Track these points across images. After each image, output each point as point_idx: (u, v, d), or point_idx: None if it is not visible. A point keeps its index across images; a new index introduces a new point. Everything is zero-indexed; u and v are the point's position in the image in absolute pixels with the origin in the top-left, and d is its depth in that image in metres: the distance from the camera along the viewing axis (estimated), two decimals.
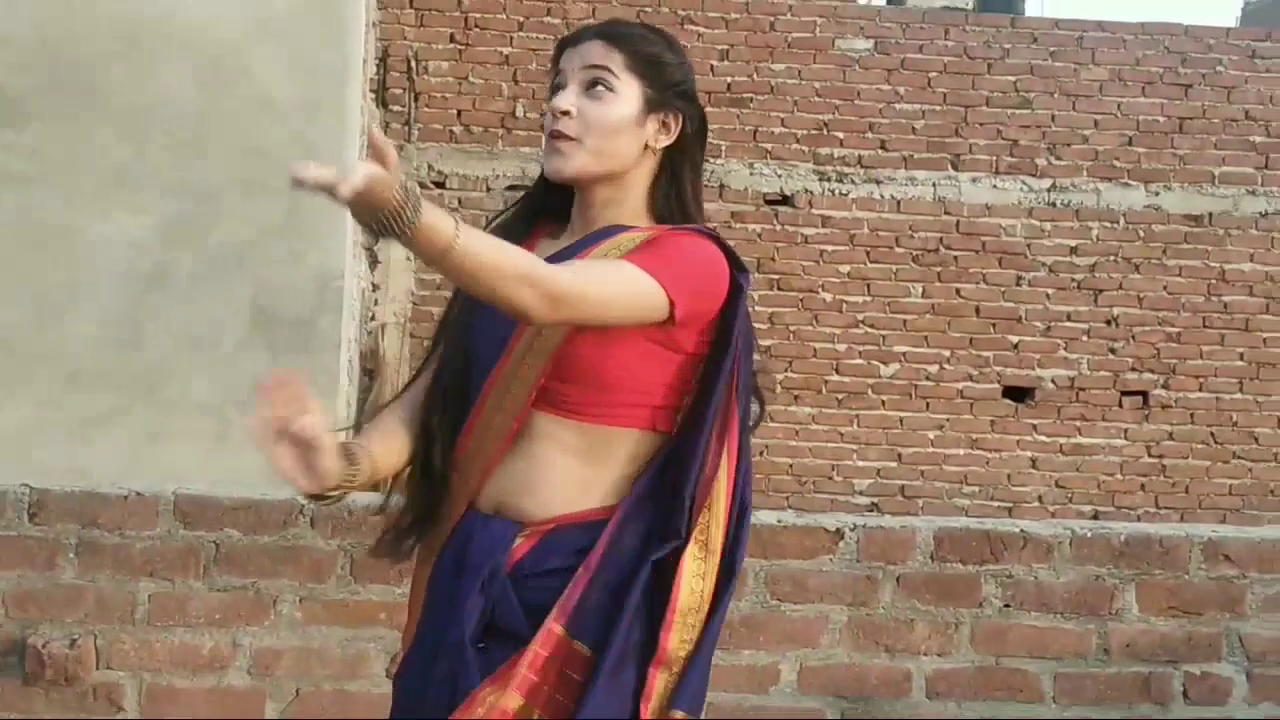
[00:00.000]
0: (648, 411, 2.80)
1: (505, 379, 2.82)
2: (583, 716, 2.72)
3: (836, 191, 13.47)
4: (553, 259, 2.75)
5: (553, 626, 2.72)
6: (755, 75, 13.29)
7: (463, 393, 2.93)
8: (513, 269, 2.52)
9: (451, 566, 2.87)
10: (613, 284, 2.69)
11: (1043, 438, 13.76)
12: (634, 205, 2.92)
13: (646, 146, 2.89)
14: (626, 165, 2.89)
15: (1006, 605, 4.51)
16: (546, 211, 3.02)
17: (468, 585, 2.79)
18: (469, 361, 2.94)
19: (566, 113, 2.84)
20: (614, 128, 2.85)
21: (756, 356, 2.98)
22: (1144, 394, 13.80)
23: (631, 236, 2.83)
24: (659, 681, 2.77)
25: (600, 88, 2.85)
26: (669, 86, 2.91)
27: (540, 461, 2.80)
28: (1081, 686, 4.52)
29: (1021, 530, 4.54)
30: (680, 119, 2.91)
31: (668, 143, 2.91)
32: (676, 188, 2.93)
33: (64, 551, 4.36)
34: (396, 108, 13.00)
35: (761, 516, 4.52)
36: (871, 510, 12.67)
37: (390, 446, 2.96)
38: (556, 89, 2.90)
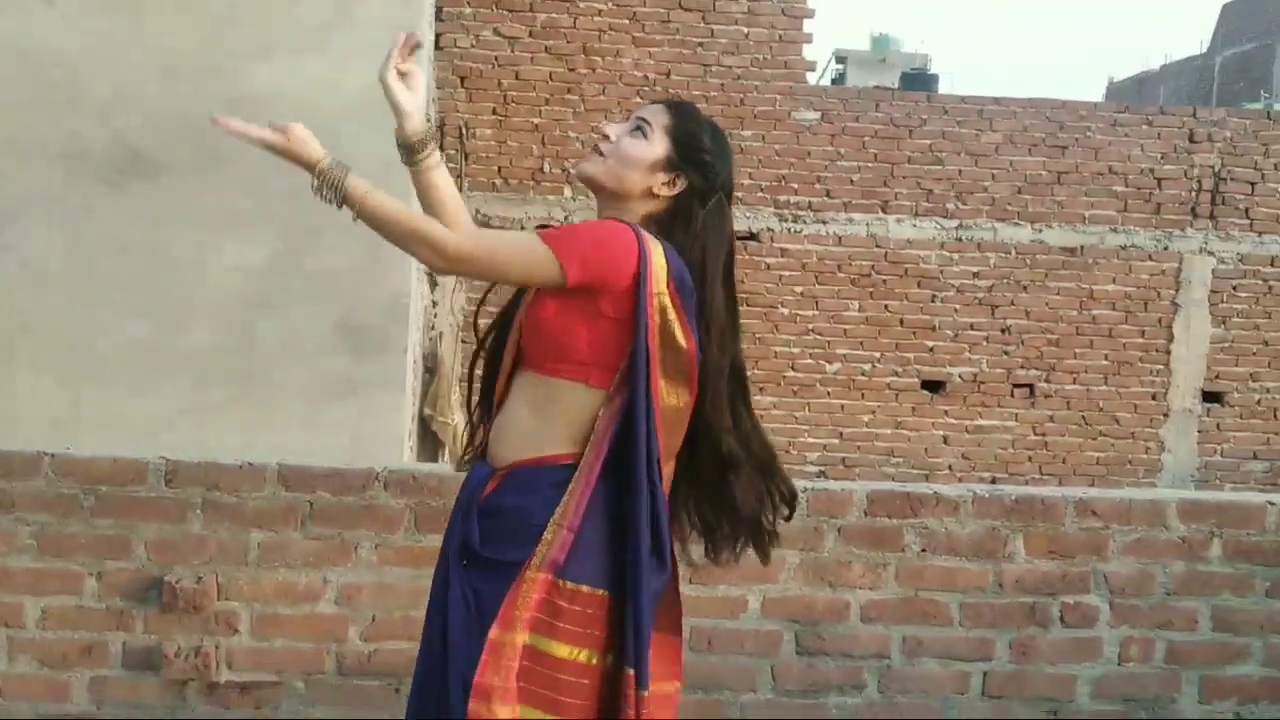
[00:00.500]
0: (583, 368, 2.83)
1: (511, 344, 2.99)
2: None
3: (791, 230, 13.47)
4: None
5: (542, 576, 2.76)
6: (729, 139, 13.28)
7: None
8: (408, 225, 2.79)
9: (463, 490, 3.00)
10: (506, 248, 2.89)
11: (951, 420, 13.78)
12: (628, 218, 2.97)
13: (651, 190, 2.94)
14: (629, 193, 2.96)
15: (923, 550, 4.50)
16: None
17: (463, 512, 2.93)
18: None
19: (607, 136, 3.00)
20: (631, 160, 2.94)
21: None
22: (1030, 386, 13.81)
23: None
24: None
25: (639, 132, 2.96)
26: (690, 159, 2.96)
27: (510, 414, 2.92)
28: (981, 613, 4.52)
29: (935, 492, 4.54)
30: (686, 184, 2.95)
31: (668, 194, 2.95)
32: (666, 234, 2.93)
33: (192, 509, 4.36)
34: (450, 165, 12.98)
35: None
36: (819, 476, 12.65)
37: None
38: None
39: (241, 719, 4.39)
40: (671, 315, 2.83)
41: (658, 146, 2.95)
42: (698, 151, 2.97)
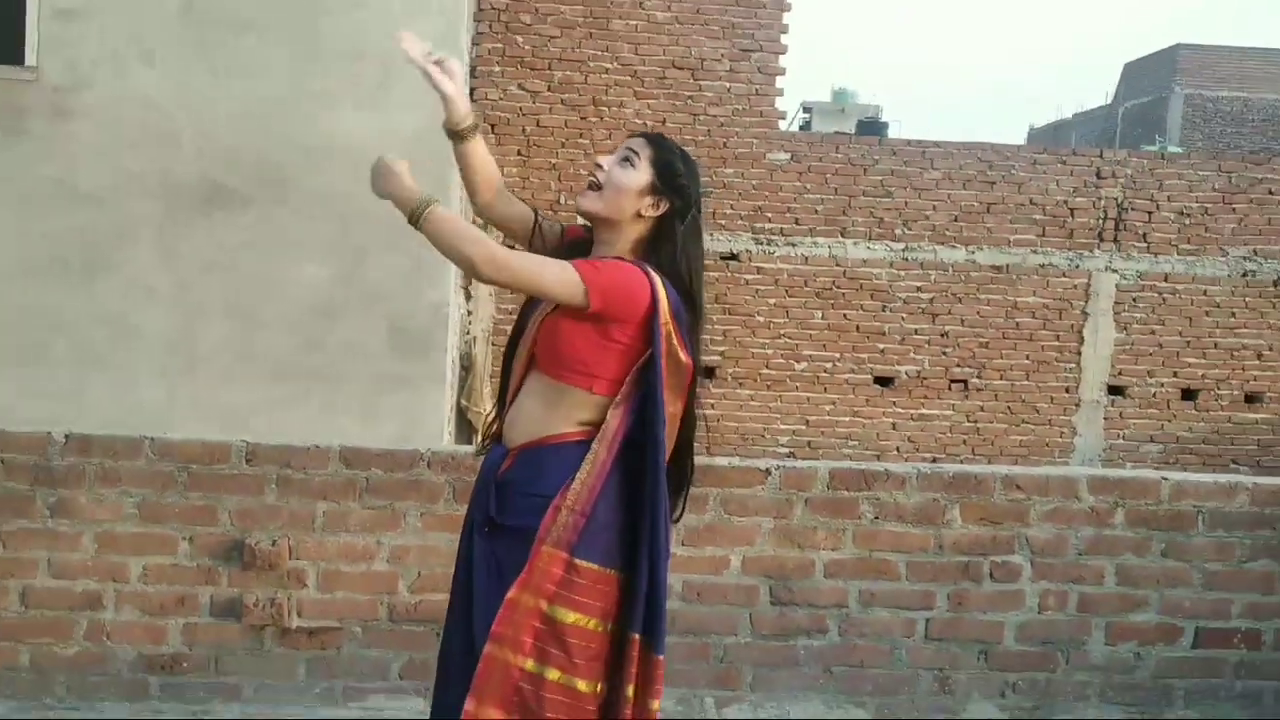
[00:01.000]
0: (588, 378, 2.81)
1: (523, 348, 2.96)
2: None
3: (766, 251, 13.46)
4: None
5: (558, 552, 2.73)
6: (714, 176, 13.27)
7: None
8: (471, 235, 2.80)
9: (482, 469, 2.98)
10: (541, 267, 2.79)
11: (899, 410, 13.76)
12: (624, 245, 2.93)
13: (639, 212, 2.90)
14: (623, 218, 2.92)
15: (876, 518, 4.49)
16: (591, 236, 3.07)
17: (482, 488, 2.92)
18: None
19: (600, 166, 2.95)
20: (624, 188, 2.90)
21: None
22: (965, 382, 13.79)
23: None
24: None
25: (628, 162, 2.92)
26: (669, 183, 2.92)
27: (521, 406, 2.90)
28: (924, 570, 4.51)
29: (885, 469, 4.53)
30: (668, 204, 2.91)
31: (654, 215, 2.91)
32: (654, 249, 2.91)
33: (268, 483, 4.35)
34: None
35: (718, 461, 4.52)
36: (789, 457, 12.65)
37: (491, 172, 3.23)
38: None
39: (309, 658, 4.38)
40: (675, 341, 2.82)
41: (643, 174, 2.91)
42: (675, 176, 2.93)
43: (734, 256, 13.40)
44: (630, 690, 2.79)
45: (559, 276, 2.75)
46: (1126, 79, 32.04)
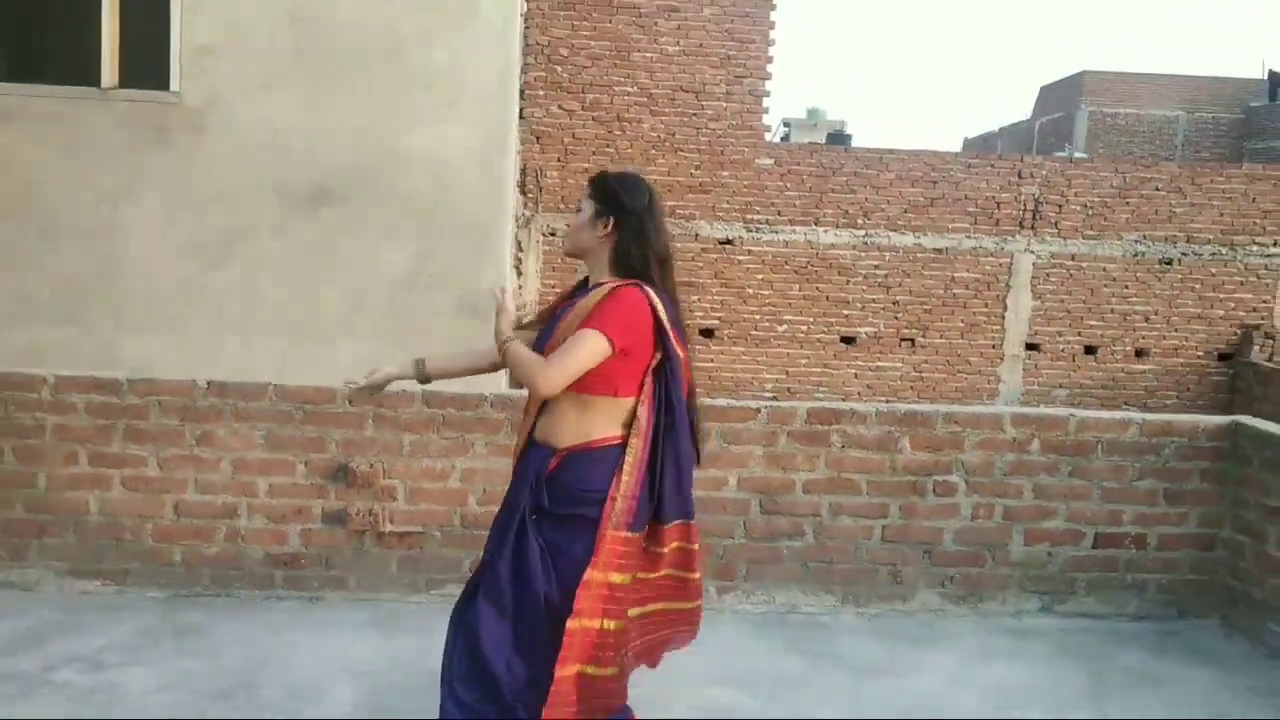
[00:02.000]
0: (611, 385, 2.69)
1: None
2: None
3: (755, 237, 13.39)
4: (563, 305, 2.87)
5: (619, 533, 2.66)
6: (712, 177, 13.20)
7: None
8: (531, 368, 2.68)
9: (523, 470, 2.80)
10: (579, 358, 2.63)
11: (860, 363, 13.72)
12: (603, 266, 2.82)
13: (599, 237, 2.79)
14: (591, 247, 2.83)
15: (843, 446, 4.49)
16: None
17: (522, 483, 2.76)
18: None
19: (568, 224, 2.91)
20: (578, 228, 2.84)
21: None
22: (912, 340, 13.73)
23: (593, 296, 2.76)
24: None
25: (579, 210, 2.86)
26: (608, 203, 2.80)
27: (558, 413, 2.75)
28: (881, 487, 4.50)
29: (851, 408, 4.51)
30: (611, 221, 2.79)
31: (608, 233, 2.79)
32: (624, 255, 2.79)
33: (366, 420, 4.37)
34: (529, 195, 12.96)
35: (718, 402, 4.51)
36: (773, 400, 12.63)
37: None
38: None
39: (399, 556, 4.42)
40: (672, 341, 2.75)
41: (587, 210, 2.82)
42: (610, 195, 2.81)
43: (729, 241, 13.35)
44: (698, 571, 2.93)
45: (593, 353, 2.64)
46: (1042, 98, 31.64)
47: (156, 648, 3.83)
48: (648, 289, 2.74)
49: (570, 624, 2.62)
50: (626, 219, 2.79)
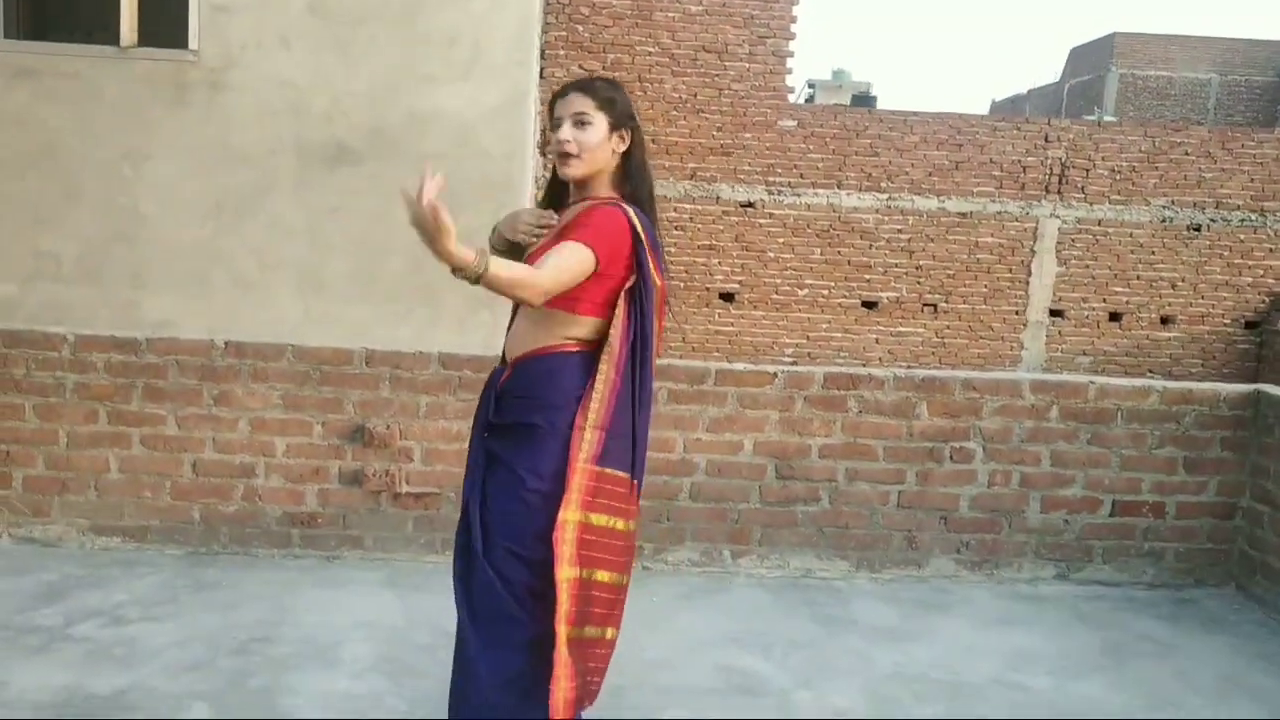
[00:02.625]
0: (572, 302, 2.51)
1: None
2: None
3: (777, 200, 13.34)
4: (563, 218, 2.63)
5: (590, 466, 2.47)
6: (734, 139, 13.14)
7: None
8: (520, 281, 2.38)
9: (485, 386, 2.73)
10: (569, 270, 2.45)
11: (881, 328, 13.70)
12: (604, 186, 2.63)
13: (614, 152, 2.61)
14: (604, 166, 2.61)
15: (860, 411, 4.49)
16: (560, 189, 2.73)
17: (485, 400, 2.68)
18: None
19: (568, 140, 2.57)
20: (595, 145, 2.57)
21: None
22: (934, 305, 13.70)
23: (570, 211, 2.62)
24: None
25: (582, 124, 2.58)
26: (620, 114, 2.61)
27: (516, 328, 2.65)
28: (898, 453, 4.51)
29: (869, 373, 4.52)
30: (630, 133, 2.62)
31: (624, 149, 2.62)
32: (636, 171, 2.64)
33: (383, 381, 4.40)
34: (549, 155, 12.94)
35: (735, 366, 4.51)
36: (793, 363, 12.67)
37: None
38: (557, 125, 2.59)
39: (415, 516, 4.46)
40: (650, 267, 2.58)
41: (601, 123, 2.57)
42: (619, 105, 2.62)
43: (750, 204, 13.30)
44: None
45: (581, 265, 2.47)
46: (1072, 60, 31.25)
47: (175, 603, 3.89)
48: (628, 208, 2.59)
49: (557, 569, 2.43)
50: (638, 130, 2.66)
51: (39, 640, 3.52)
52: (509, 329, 2.72)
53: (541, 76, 12.37)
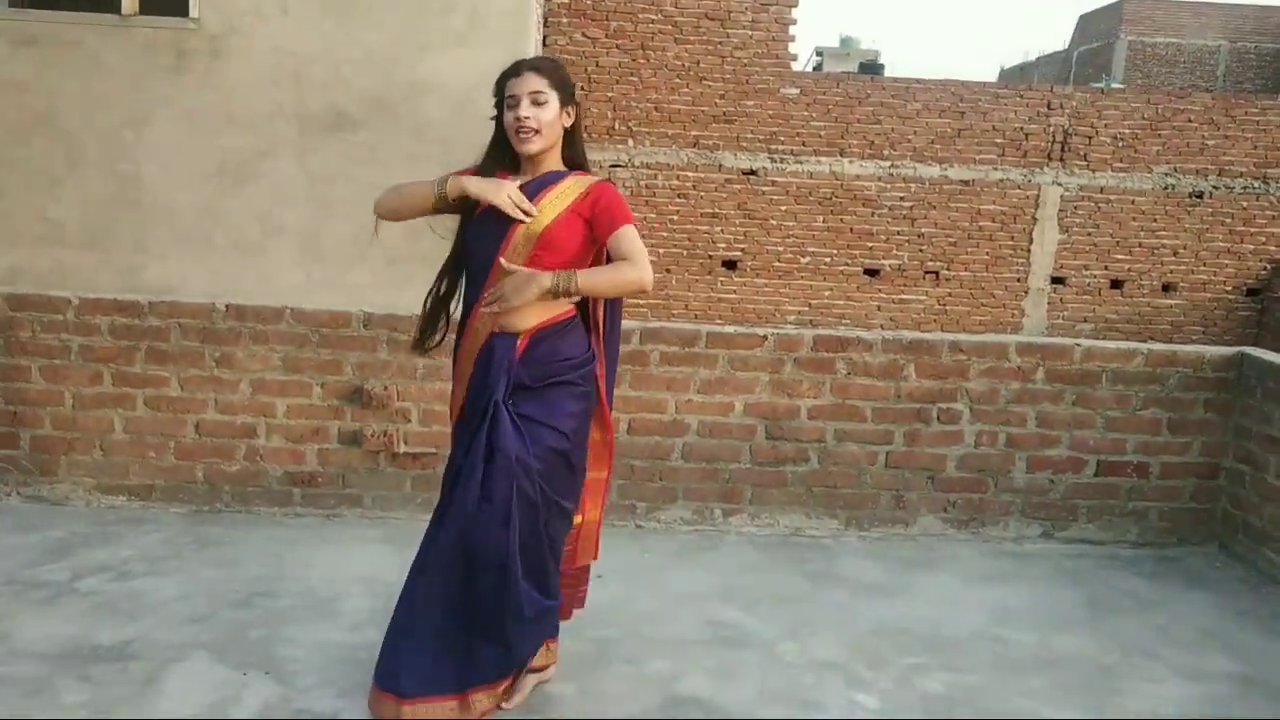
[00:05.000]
0: (571, 268, 2.76)
1: (509, 254, 2.76)
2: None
3: (779, 168, 13.35)
4: (526, 188, 2.79)
5: (609, 435, 3.01)
6: (736, 107, 13.13)
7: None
8: (628, 282, 2.73)
9: (486, 361, 2.82)
10: (641, 246, 2.75)
11: (883, 295, 13.73)
12: (555, 157, 2.86)
13: (563, 126, 2.84)
14: (557, 139, 2.84)
15: (849, 373, 4.55)
16: (505, 159, 2.87)
17: (497, 370, 2.78)
18: (469, 252, 2.89)
19: (529, 117, 2.76)
20: (550, 121, 2.78)
21: None
22: (936, 273, 13.72)
23: (570, 185, 2.80)
24: None
25: (539, 103, 2.77)
26: (567, 92, 2.83)
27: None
28: (886, 414, 4.57)
29: (858, 335, 4.57)
30: (574, 108, 2.86)
31: (570, 123, 2.85)
32: (575, 145, 2.89)
33: (380, 343, 4.47)
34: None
35: (726, 329, 4.57)
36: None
37: None
38: (513, 103, 2.78)
39: (413, 476, 4.55)
40: None
41: (554, 102, 2.79)
42: (566, 83, 2.84)
43: (753, 172, 13.31)
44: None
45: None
46: (1081, 27, 31.04)
47: (179, 559, 4.00)
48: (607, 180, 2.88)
49: (576, 518, 2.99)
50: (579, 105, 2.91)
51: (47, 594, 3.63)
52: (470, 306, 2.89)
53: (544, 45, 12.37)
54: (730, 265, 13.45)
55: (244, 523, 4.42)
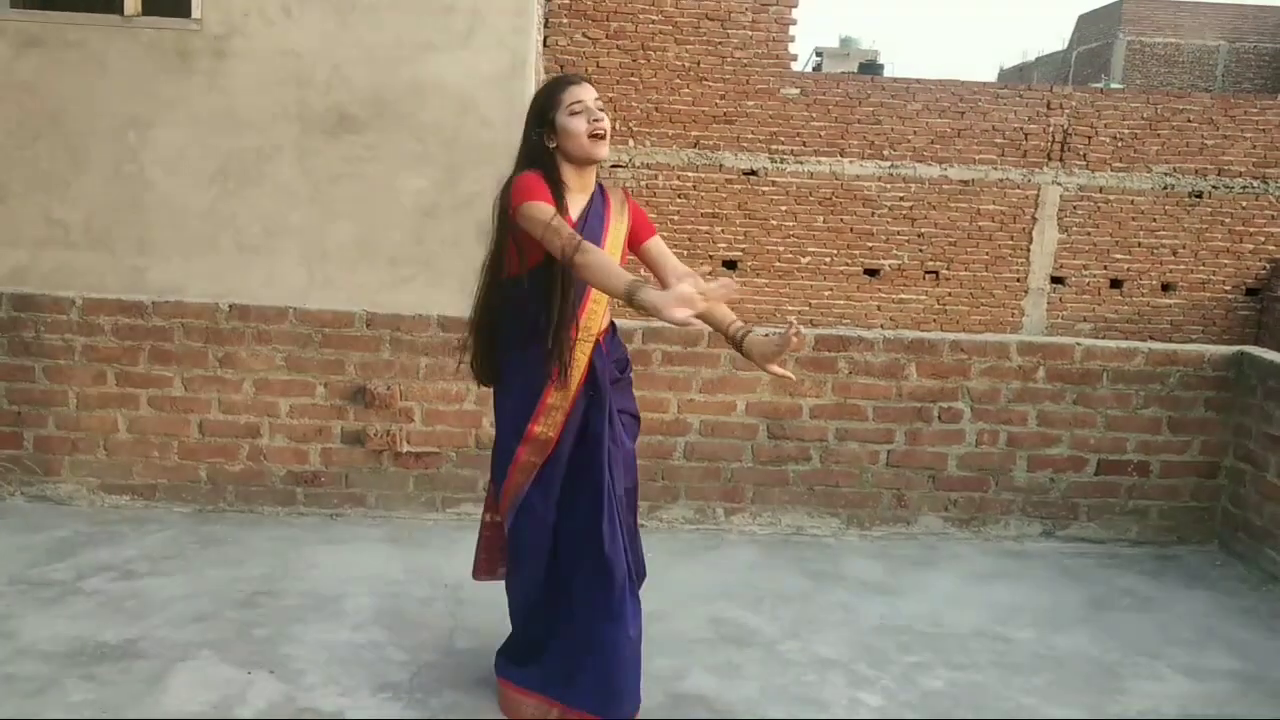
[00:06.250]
0: None
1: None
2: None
3: (779, 168, 13.36)
4: (588, 213, 2.75)
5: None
6: (737, 107, 13.14)
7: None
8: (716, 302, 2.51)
9: (593, 371, 2.80)
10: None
11: (883, 295, 13.75)
12: (593, 176, 2.82)
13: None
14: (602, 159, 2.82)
15: (850, 372, 4.56)
16: (554, 174, 2.74)
17: (601, 373, 2.81)
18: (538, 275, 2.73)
19: (604, 120, 2.74)
20: (608, 139, 2.79)
21: None
22: (936, 273, 13.74)
23: (615, 204, 2.84)
24: None
25: (602, 108, 2.77)
26: None
27: (593, 310, 2.80)
28: (887, 413, 4.58)
29: (859, 335, 4.58)
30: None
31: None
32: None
33: (383, 343, 4.47)
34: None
35: None
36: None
37: None
38: (579, 109, 2.69)
39: (416, 475, 4.55)
40: None
41: (608, 124, 2.80)
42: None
43: (753, 172, 13.32)
44: None
45: None
46: (1079, 27, 31.05)
47: (183, 558, 4.00)
48: None
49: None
50: None
51: (52, 593, 3.63)
52: (575, 309, 2.73)
53: (545, 45, 12.38)
54: (730, 265, 13.46)
55: (247, 522, 4.43)
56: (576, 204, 2.76)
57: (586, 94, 2.73)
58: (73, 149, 6.48)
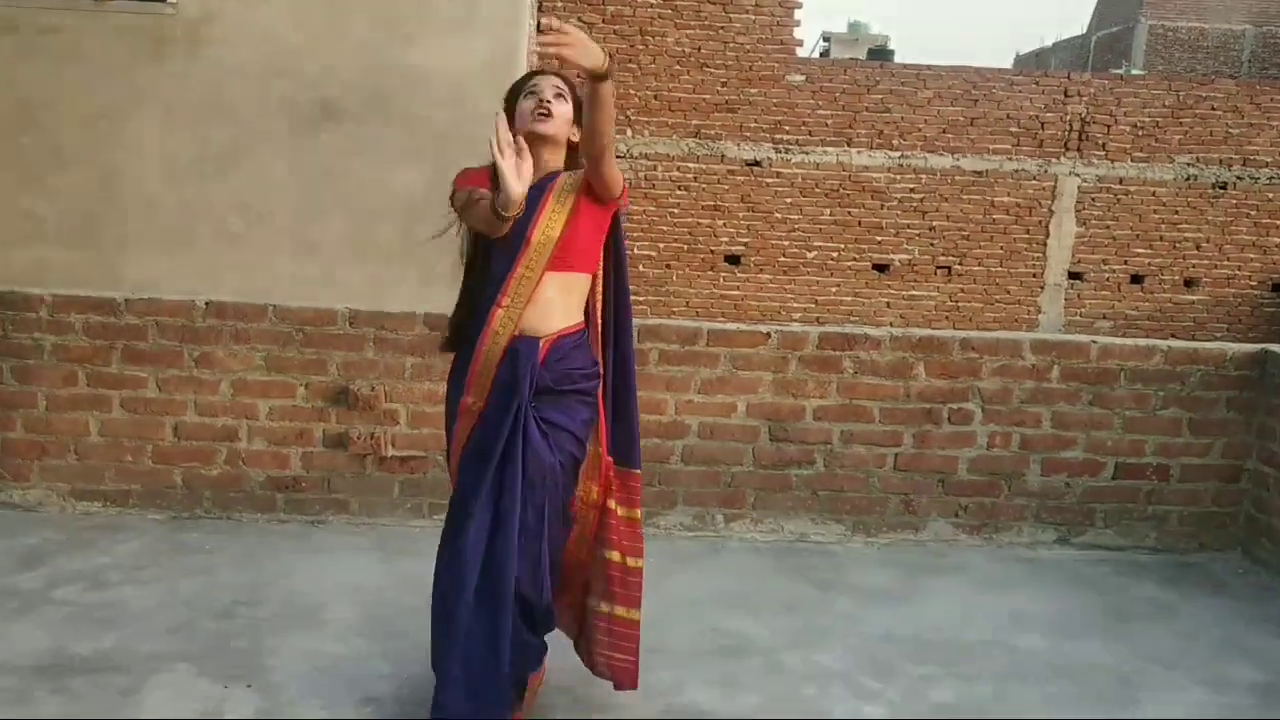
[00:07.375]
0: (590, 262, 2.89)
1: (528, 259, 2.78)
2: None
3: (784, 158, 13.37)
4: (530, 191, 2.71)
5: (605, 454, 2.99)
6: (740, 95, 13.15)
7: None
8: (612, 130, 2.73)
9: (511, 364, 2.80)
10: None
11: (893, 291, 13.75)
12: (558, 161, 2.89)
13: (569, 137, 2.90)
14: (562, 142, 2.89)
15: (856, 372, 4.56)
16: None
17: (523, 372, 2.78)
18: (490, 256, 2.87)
19: (549, 101, 2.85)
20: (565, 116, 2.87)
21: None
22: (948, 268, 13.74)
23: (565, 180, 2.84)
24: None
25: (562, 98, 2.88)
26: (578, 113, 2.89)
27: (547, 302, 2.82)
28: (894, 414, 4.58)
29: (865, 333, 4.58)
30: (578, 130, 2.89)
31: (573, 134, 2.90)
32: (576, 162, 2.91)
33: (368, 342, 4.47)
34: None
35: (728, 326, 4.60)
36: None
37: None
38: (533, 91, 2.87)
39: (401, 480, 4.56)
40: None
41: (569, 105, 2.88)
42: (579, 102, 2.90)
43: (757, 163, 13.33)
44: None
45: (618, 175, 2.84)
46: (1099, 10, 31.07)
47: (158, 567, 4.00)
48: None
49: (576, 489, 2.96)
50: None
51: (20, 604, 3.63)
52: (507, 309, 2.81)
53: (539, 30, 12.38)
54: (733, 260, 13.46)
55: (225, 529, 4.43)
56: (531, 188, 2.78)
57: (545, 81, 2.91)
58: (46, 139, 6.50)
